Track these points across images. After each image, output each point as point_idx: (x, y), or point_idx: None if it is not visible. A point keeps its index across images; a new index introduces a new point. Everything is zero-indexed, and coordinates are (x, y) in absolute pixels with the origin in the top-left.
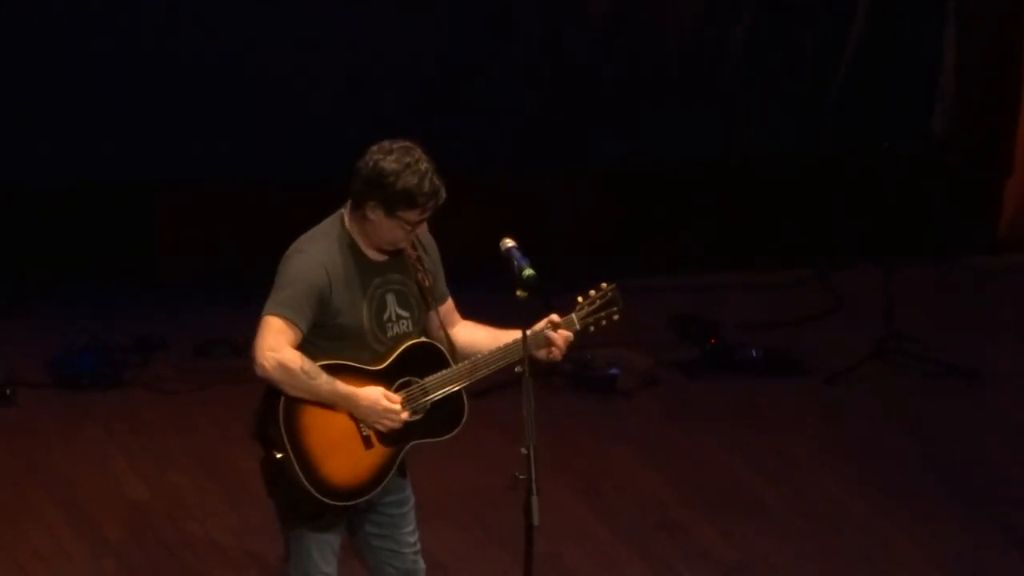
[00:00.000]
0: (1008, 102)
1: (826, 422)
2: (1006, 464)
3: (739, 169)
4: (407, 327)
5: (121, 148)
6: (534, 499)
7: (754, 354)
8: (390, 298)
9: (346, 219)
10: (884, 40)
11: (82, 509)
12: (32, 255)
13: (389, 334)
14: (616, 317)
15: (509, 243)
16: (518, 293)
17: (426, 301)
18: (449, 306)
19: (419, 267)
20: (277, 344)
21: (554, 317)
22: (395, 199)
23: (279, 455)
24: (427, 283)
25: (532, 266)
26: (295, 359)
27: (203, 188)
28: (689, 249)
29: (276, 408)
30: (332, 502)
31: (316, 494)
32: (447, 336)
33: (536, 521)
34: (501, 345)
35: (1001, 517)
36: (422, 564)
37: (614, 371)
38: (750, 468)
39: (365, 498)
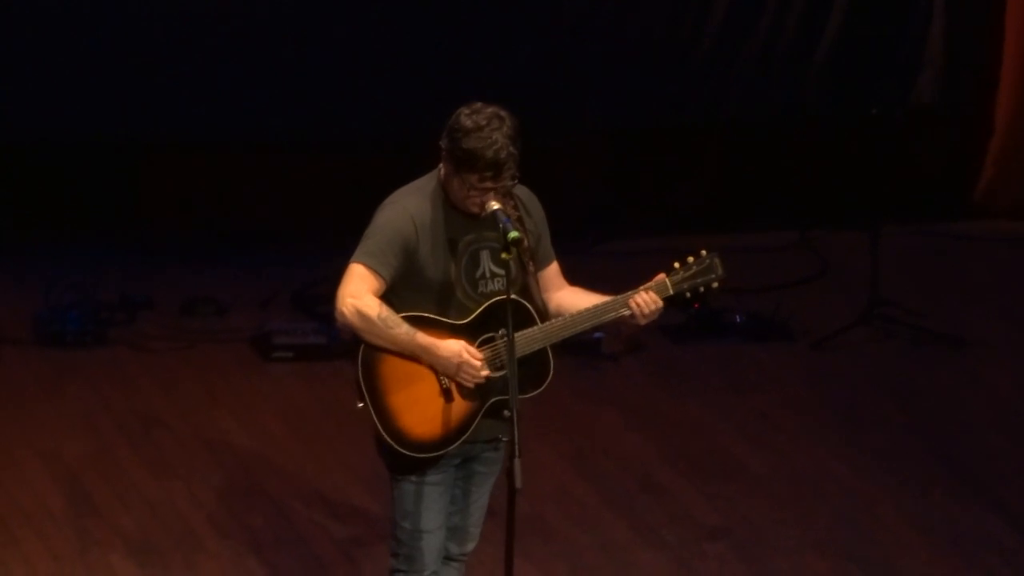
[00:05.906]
0: (992, 66)
1: (811, 387)
2: (989, 430)
3: (726, 133)
4: (502, 285)
5: (108, 106)
6: (517, 462)
7: (738, 319)
8: (484, 255)
9: (440, 173)
10: (871, 5)
11: (66, 467)
12: (17, 212)
13: (481, 291)
14: (716, 285)
15: (495, 206)
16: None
17: (523, 261)
18: (554, 269)
19: (519, 227)
20: (358, 291)
21: (659, 277)
22: (458, 156)
23: (360, 404)
24: (526, 243)
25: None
26: (373, 306)
27: (190, 147)
28: (675, 213)
29: (355, 357)
30: (409, 453)
31: (393, 444)
32: (543, 299)
33: (519, 484)
34: (586, 307)
35: (983, 482)
36: (476, 532)
37: (598, 334)
38: (734, 432)
39: (442, 452)
